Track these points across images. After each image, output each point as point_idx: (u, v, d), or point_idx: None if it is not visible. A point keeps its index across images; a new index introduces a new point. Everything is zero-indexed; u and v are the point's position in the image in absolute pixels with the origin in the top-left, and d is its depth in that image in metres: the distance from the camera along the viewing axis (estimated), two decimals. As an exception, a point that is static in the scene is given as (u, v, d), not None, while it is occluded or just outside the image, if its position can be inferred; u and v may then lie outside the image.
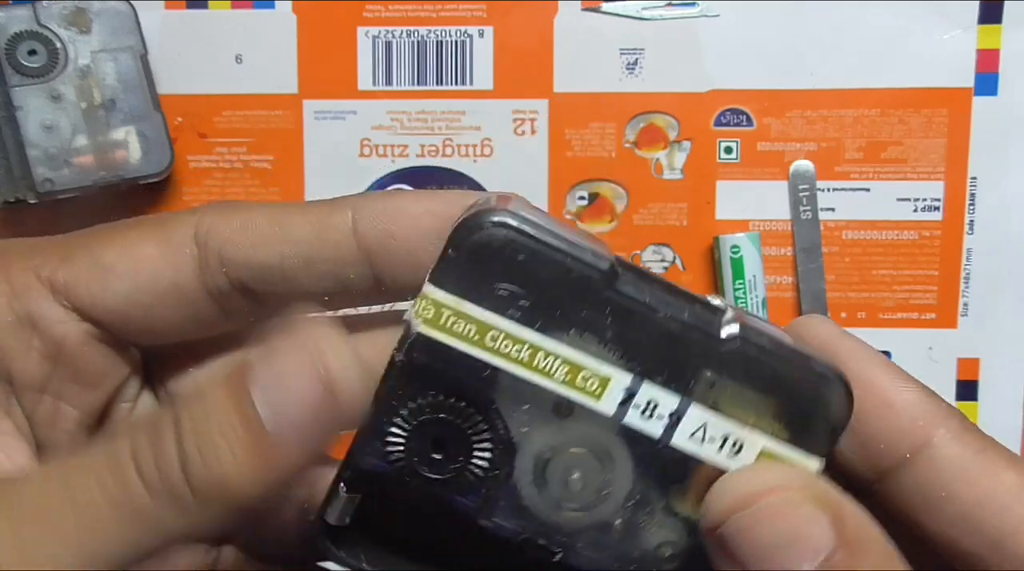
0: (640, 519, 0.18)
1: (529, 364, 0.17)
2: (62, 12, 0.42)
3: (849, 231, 0.45)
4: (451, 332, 0.17)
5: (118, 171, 0.42)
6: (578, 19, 0.45)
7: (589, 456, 0.17)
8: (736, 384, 0.17)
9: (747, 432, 0.17)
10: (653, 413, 0.17)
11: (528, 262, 0.17)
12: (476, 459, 0.17)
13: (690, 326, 0.17)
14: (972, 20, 0.44)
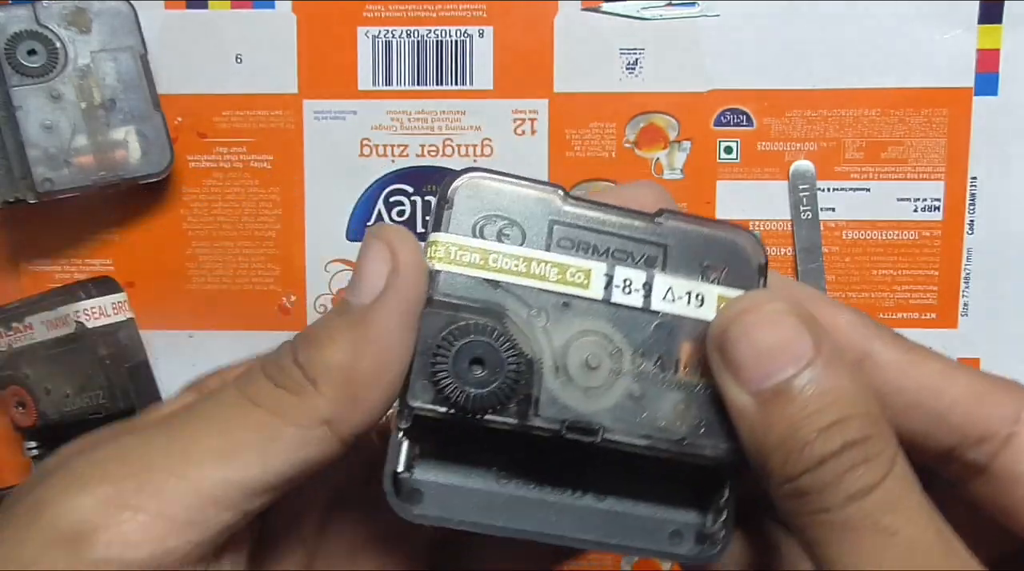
0: (653, 386, 0.21)
1: (527, 273, 0.21)
2: (62, 12, 0.42)
3: (849, 231, 0.45)
4: (460, 263, 0.20)
5: (118, 171, 0.42)
6: (578, 19, 0.45)
7: (594, 338, 0.21)
8: (679, 254, 0.21)
9: (703, 286, 0.21)
10: (630, 288, 0.21)
11: (502, 197, 0.21)
12: (509, 365, 0.20)
13: (635, 216, 0.21)
14: (972, 20, 0.44)
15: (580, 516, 0.22)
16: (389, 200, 0.46)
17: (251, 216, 0.46)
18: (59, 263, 0.46)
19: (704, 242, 0.21)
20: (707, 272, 0.21)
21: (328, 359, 0.19)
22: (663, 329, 0.21)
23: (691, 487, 0.22)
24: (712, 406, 0.21)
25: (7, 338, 0.44)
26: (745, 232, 0.22)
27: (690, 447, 0.21)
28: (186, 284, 0.46)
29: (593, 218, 0.21)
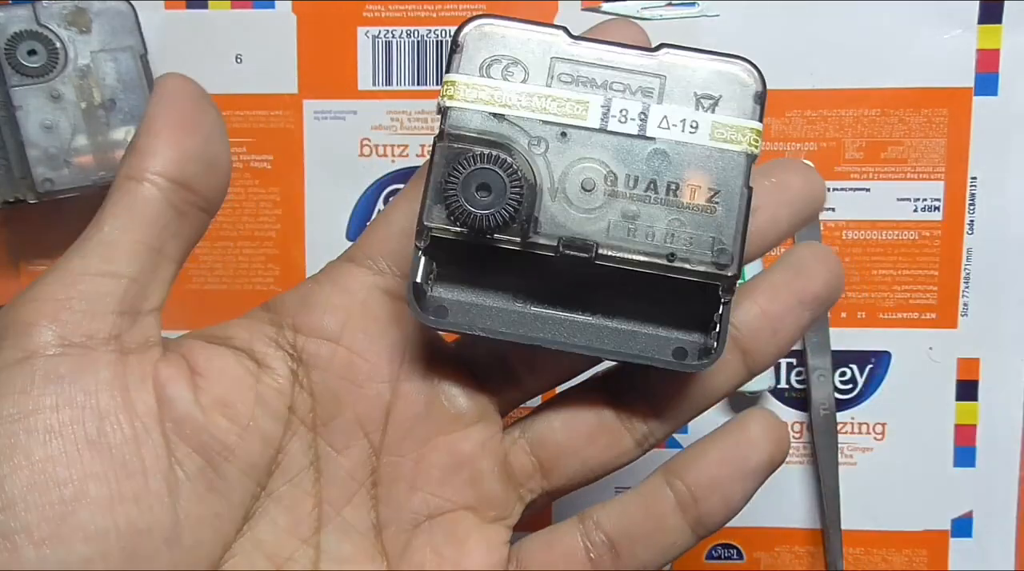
0: (647, 208, 0.23)
1: (529, 106, 0.23)
2: (62, 12, 0.42)
3: (849, 231, 0.45)
4: (469, 100, 0.23)
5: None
6: (578, 19, 0.45)
7: (591, 164, 0.23)
8: (678, 80, 0.23)
9: (698, 114, 0.23)
10: (626, 117, 0.23)
11: (508, 39, 0.23)
12: (513, 190, 0.22)
13: (635, 50, 0.23)
14: (972, 20, 0.44)
15: (592, 331, 0.24)
16: (389, 200, 0.46)
17: (251, 216, 0.46)
18: (59, 263, 0.46)
19: (701, 72, 0.23)
20: (703, 101, 0.23)
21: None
22: (658, 155, 0.23)
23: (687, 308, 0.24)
24: (700, 225, 0.23)
25: (7, 338, 0.44)
26: (742, 61, 0.23)
27: (679, 262, 0.23)
28: (186, 284, 0.46)
29: (593, 54, 0.23)
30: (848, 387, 0.46)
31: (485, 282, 0.24)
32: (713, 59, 0.23)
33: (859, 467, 0.46)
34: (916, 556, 0.46)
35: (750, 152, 0.24)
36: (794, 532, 0.46)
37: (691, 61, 0.23)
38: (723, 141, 0.23)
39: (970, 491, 0.46)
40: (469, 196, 0.22)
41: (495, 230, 0.23)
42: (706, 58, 0.23)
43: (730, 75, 0.23)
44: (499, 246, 0.23)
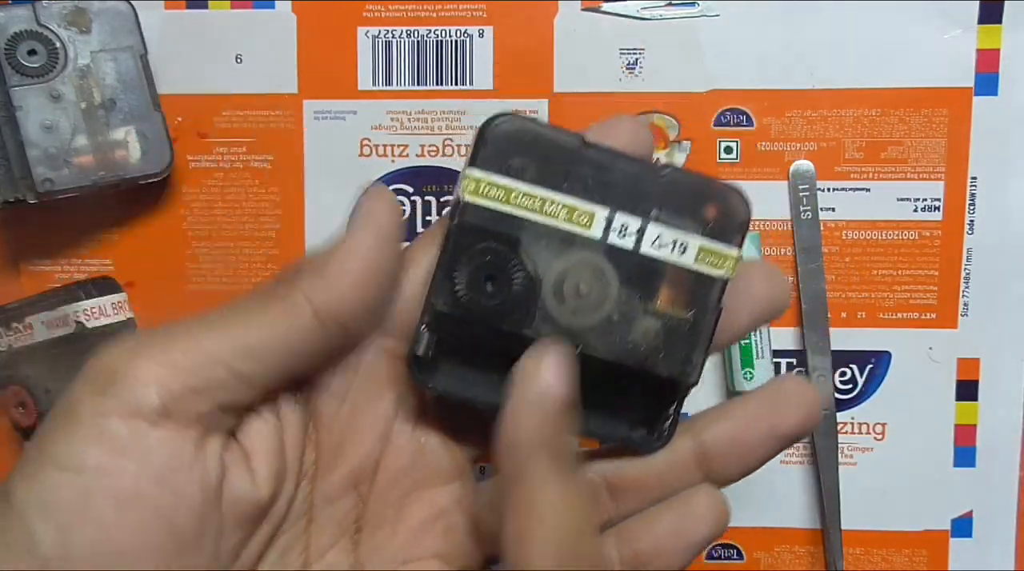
0: (629, 315, 0.25)
1: (540, 211, 0.24)
2: (62, 12, 0.42)
3: (849, 231, 0.45)
4: (487, 197, 0.24)
5: (118, 171, 0.42)
6: (578, 19, 0.45)
7: (589, 271, 0.25)
8: (675, 205, 0.25)
9: (687, 236, 0.25)
10: (625, 233, 0.25)
11: (531, 142, 0.24)
12: (515, 284, 0.24)
13: (640, 170, 0.25)
14: (972, 20, 0.44)
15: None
16: (389, 200, 0.46)
17: (251, 216, 0.46)
18: (59, 263, 0.46)
19: (697, 197, 0.25)
20: (694, 224, 0.25)
21: (313, 255, 0.25)
22: (647, 267, 0.25)
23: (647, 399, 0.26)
24: (673, 335, 0.25)
25: (7, 338, 0.44)
26: (735, 192, 0.26)
27: (651, 364, 0.25)
28: (186, 284, 0.46)
29: (605, 165, 0.25)
30: (848, 387, 0.46)
31: (478, 356, 0.26)
32: (710, 185, 0.25)
33: (859, 467, 0.46)
34: (916, 556, 0.46)
35: (727, 277, 0.26)
36: (794, 532, 0.46)
37: (690, 185, 0.25)
38: (706, 264, 0.25)
39: (970, 491, 0.46)
40: (475, 286, 0.24)
41: (495, 319, 0.25)
42: (704, 184, 0.25)
43: (722, 203, 0.25)
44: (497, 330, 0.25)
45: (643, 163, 0.25)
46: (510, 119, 0.25)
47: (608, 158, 0.25)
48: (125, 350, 0.23)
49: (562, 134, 0.25)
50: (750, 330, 0.28)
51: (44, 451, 0.23)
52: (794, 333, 0.45)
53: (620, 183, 0.25)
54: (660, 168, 0.25)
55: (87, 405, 0.23)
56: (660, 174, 0.25)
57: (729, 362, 0.44)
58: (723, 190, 0.25)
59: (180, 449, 0.23)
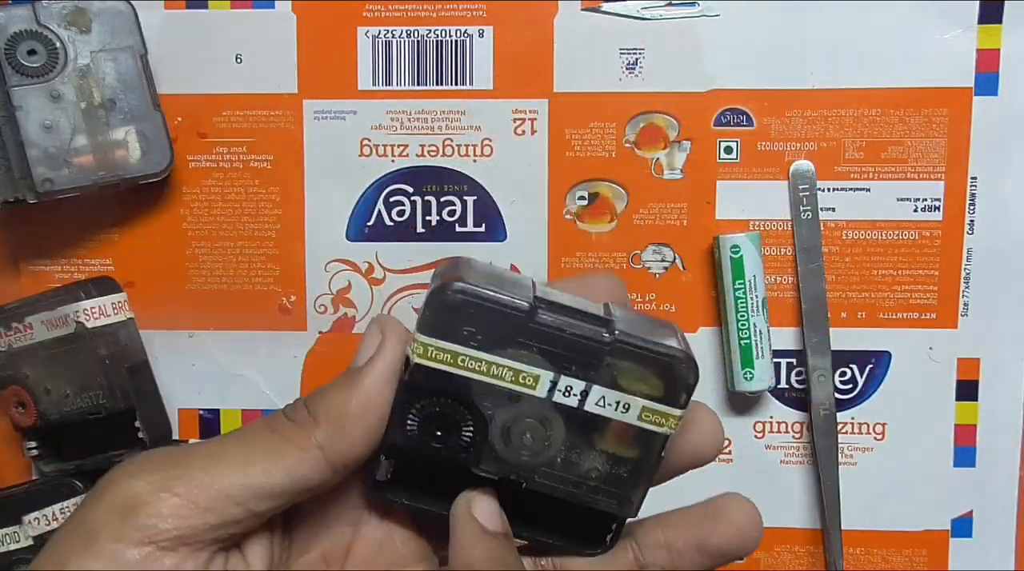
0: (574, 456, 0.27)
1: (487, 373, 0.26)
2: (62, 12, 0.42)
3: (849, 231, 0.45)
4: (435, 360, 0.26)
5: (118, 171, 0.42)
6: (578, 19, 0.45)
7: (534, 423, 0.27)
8: (620, 366, 0.26)
9: (631, 397, 0.26)
10: (569, 393, 0.26)
11: (477, 312, 0.25)
12: (464, 433, 0.27)
13: (586, 336, 0.26)
14: (972, 20, 0.44)
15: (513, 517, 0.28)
16: (389, 200, 0.46)
17: (251, 216, 0.46)
18: (59, 263, 0.46)
19: (644, 362, 0.26)
20: (639, 385, 0.26)
21: (327, 401, 0.26)
22: (592, 422, 0.26)
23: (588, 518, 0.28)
24: (614, 478, 0.27)
25: (7, 338, 0.44)
26: (680, 361, 0.26)
27: (591, 502, 0.27)
28: (186, 284, 0.46)
29: (553, 331, 0.26)
30: (848, 387, 0.46)
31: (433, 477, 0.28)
32: (657, 352, 0.26)
33: (859, 467, 0.46)
34: (916, 556, 0.46)
35: (668, 433, 0.27)
36: (794, 532, 0.46)
37: (636, 352, 0.26)
38: (648, 423, 0.26)
39: (970, 491, 0.46)
40: (426, 432, 0.26)
41: (445, 459, 0.27)
42: (651, 349, 0.26)
43: (668, 368, 0.26)
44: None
45: (594, 326, 0.26)
46: (459, 289, 0.25)
47: (557, 322, 0.26)
48: (149, 482, 0.25)
49: (511, 303, 0.26)
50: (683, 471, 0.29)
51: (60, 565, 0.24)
52: (794, 333, 0.45)
53: (566, 348, 0.26)
54: (611, 332, 0.26)
55: (107, 531, 0.25)
56: (609, 341, 0.26)
57: (729, 363, 0.44)
58: (668, 359, 0.26)
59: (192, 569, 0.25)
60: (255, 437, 0.26)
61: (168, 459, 0.26)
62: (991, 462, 0.45)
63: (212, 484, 0.25)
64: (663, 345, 0.26)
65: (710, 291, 0.46)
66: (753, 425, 0.46)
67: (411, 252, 0.46)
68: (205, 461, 0.25)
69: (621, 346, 0.26)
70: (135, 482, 0.25)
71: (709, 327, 0.46)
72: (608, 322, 0.26)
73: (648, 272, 0.46)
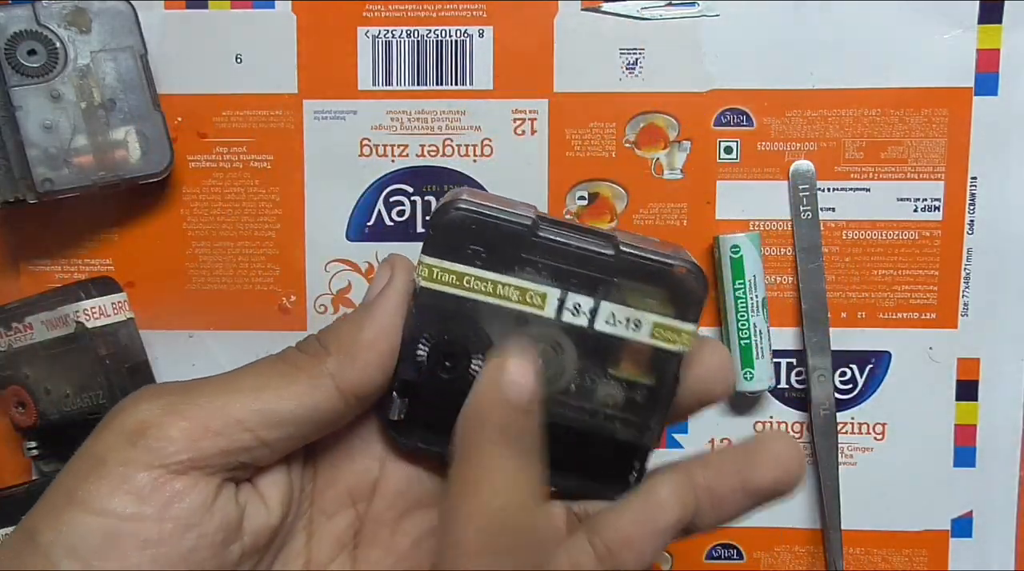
0: (588, 383, 0.26)
1: (493, 293, 0.26)
2: (62, 12, 0.42)
3: (849, 231, 0.45)
4: (440, 282, 0.26)
5: (118, 171, 0.42)
6: (578, 19, 0.45)
7: (546, 347, 0.26)
8: (628, 282, 0.26)
9: (641, 313, 0.26)
10: (579, 311, 0.26)
11: (480, 229, 0.25)
12: (475, 361, 0.26)
13: (591, 250, 0.25)
14: (972, 20, 0.44)
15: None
16: (389, 200, 0.46)
17: (251, 216, 0.46)
18: (59, 263, 0.46)
19: (652, 276, 0.26)
20: (649, 301, 0.26)
21: (338, 332, 0.26)
22: (604, 341, 0.26)
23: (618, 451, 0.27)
24: (631, 403, 0.26)
25: (7, 338, 0.44)
26: (689, 272, 0.26)
27: (609, 431, 0.27)
28: (186, 284, 0.46)
29: (557, 248, 0.25)
30: (848, 387, 0.46)
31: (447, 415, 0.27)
32: (665, 261, 0.25)
33: (859, 467, 0.46)
34: (916, 556, 0.46)
35: (683, 351, 0.26)
36: (794, 532, 0.46)
37: (644, 265, 0.25)
38: (661, 340, 0.26)
39: (970, 491, 0.46)
40: (435, 363, 0.26)
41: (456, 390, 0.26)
42: (658, 260, 0.26)
43: (677, 281, 0.25)
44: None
45: (598, 242, 0.26)
46: (461, 207, 0.25)
47: (561, 238, 0.25)
48: (157, 406, 0.25)
49: (513, 218, 0.25)
50: (696, 409, 0.28)
51: (71, 495, 0.24)
52: (794, 333, 0.45)
53: (572, 264, 0.25)
54: (616, 246, 0.25)
55: (116, 454, 0.24)
56: (614, 254, 0.25)
57: (729, 362, 0.44)
58: (677, 269, 0.26)
59: (203, 496, 0.25)
60: (267, 367, 0.26)
61: (178, 388, 0.26)
62: (991, 462, 0.45)
63: (222, 408, 0.25)
64: (670, 257, 0.26)
65: (710, 291, 0.46)
66: (753, 425, 0.46)
67: (411, 252, 0.46)
68: (215, 388, 0.25)
69: (626, 259, 0.25)
70: (143, 406, 0.25)
71: (709, 327, 0.46)
72: (611, 237, 0.26)
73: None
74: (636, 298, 0.26)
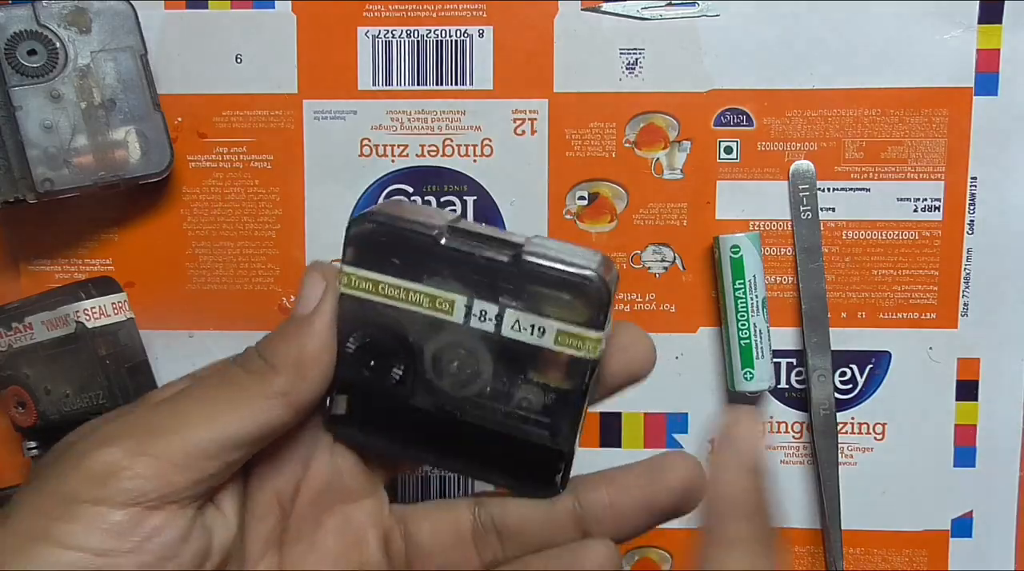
0: (503, 386, 0.27)
1: (406, 300, 0.27)
2: (62, 12, 0.42)
3: (849, 231, 0.45)
4: (358, 289, 0.27)
5: (118, 171, 0.42)
6: (578, 19, 0.45)
7: (461, 351, 0.27)
8: (531, 289, 0.26)
9: (545, 321, 0.26)
10: (485, 317, 0.27)
11: (389, 240, 0.27)
12: (395, 363, 0.28)
13: (495, 259, 0.26)
14: (972, 20, 0.44)
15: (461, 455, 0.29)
16: (389, 200, 0.46)
17: (251, 216, 0.46)
18: (59, 263, 0.46)
19: (552, 282, 0.26)
20: (551, 308, 0.26)
21: (283, 348, 0.27)
22: (515, 345, 0.27)
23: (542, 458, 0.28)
24: (545, 407, 0.27)
25: (7, 338, 0.44)
26: (589, 277, 0.26)
27: (524, 432, 0.27)
28: (186, 284, 0.46)
29: (460, 257, 0.26)
30: (848, 387, 0.46)
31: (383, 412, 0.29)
32: (563, 269, 0.26)
33: (859, 467, 0.46)
34: (916, 556, 0.46)
35: (590, 358, 0.26)
36: (794, 532, 0.46)
37: (543, 270, 0.26)
38: (566, 346, 0.26)
39: (970, 491, 0.46)
40: (361, 365, 0.28)
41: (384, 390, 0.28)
42: (557, 267, 0.26)
43: (577, 290, 0.26)
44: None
45: (502, 250, 0.26)
46: (373, 219, 0.27)
47: (464, 247, 0.26)
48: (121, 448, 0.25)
49: (419, 229, 0.27)
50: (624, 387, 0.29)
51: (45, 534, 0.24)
52: (794, 333, 0.45)
53: (477, 272, 0.26)
54: (518, 254, 0.26)
55: (87, 494, 0.25)
56: (514, 261, 0.26)
57: (729, 362, 0.44)
58: (578, 277, 0.26)
59: (179, 529, 0.26)
60: (214, 391, 0.27)
61: (134, 425, 0.26)
62: (991, 462, 0.45)
63: (185, 442, 0.26)
64: (572, 265, 0.26)
65: (710, 291, 0.46)
66: (753, 425, 0.46)
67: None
68: (172, 421, 0.26)
69: (527, 266, 0.26)
70: (110, 450, 0.25)
71: (709, 327, 0.46)
72: (519, 245, 0.27)
73: (648, 272, 0.46)
74: (539, 305, 0.26)
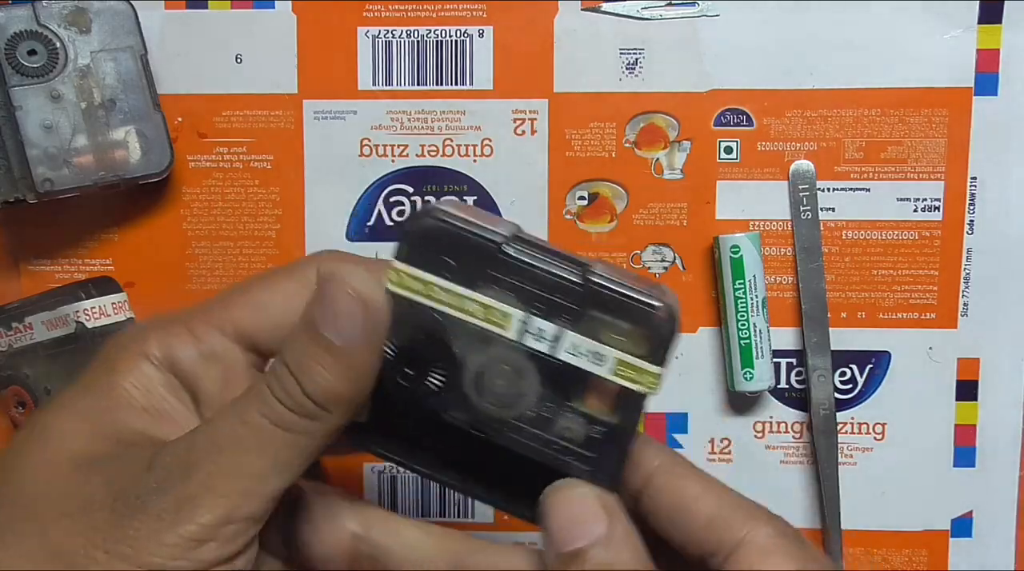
0: (547, 412, 0.25)
1: (458, 307, 0.25)
2: (62, 12, 0.42)
3: (849, 231, 0.45)
4: (408, 288, 0.25)
5: (118, 171, 0.42)
6: (578, 19, 0.45)
7: (507, 369, 0.25)
8: (595, 314, 0.25)
9: (605, 348, 0.25)
10: (542, 337, 0.25)
11: (450, 241, 0.25)
12: (434, 373, 0.26)
13: (559, 276, 0.25)
14: (972, 20, 0.44)
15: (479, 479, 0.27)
16: (389, 200, 0.46)
17: (251, 216, 0.46)
18: (59, 263, 0.46)
19: (620, 310, 0.25)
20: (614, 337, 0.25)
21: (335, 391, 0.24)
22: (568, 370, 0.25)
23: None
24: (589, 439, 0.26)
25: (7, 338, 0.44)
26: (659, 310, 0.25)
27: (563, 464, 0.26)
28: (186, 284, 0.46)
29: (524, 269, 0.25)
30: (848, 387, 0.46)
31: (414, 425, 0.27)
32: (635, 297, 0.25)
33: (859, 467, 0.46)
34: (916, 556, 0.46)
35: (646, 392, 0.25)
36: (794, 532, 0.46)
37: (613, 296, 0.25)
38: (624, 379, 0.25)
39: (970, 491, 0.46)
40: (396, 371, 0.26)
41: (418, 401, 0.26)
42: (629, 294, 0.25)
43: (644, 321, 0.24)
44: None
45: (569, 268, 0.25)
46: (435, 216, 0.25)
47: (528, 259, 0.25)
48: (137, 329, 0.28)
49: (484, 233, 0.25)
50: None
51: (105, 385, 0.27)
52: (794, 333, 0.45)
53: (539, 287, 0.25)
54: (586, 275, 0.25)
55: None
56: (582, 282, 0.25)
57: (729, 362, 0.44)
58: (646, 307, 0.25)
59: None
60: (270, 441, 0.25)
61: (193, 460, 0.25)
62: (991, 462, 0.45)
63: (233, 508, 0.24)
64: (641, 293, 0.25)
65: (710, 291, 0.46)
66: (753, 425, 0.46)
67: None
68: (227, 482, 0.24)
69: (595, 289, 0.25)
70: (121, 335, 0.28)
71: (709, 327, 0.46)
72: (585, 265, 0.25)
73: (648, 272, 0.46)
74: (602, 332, 0.25)
